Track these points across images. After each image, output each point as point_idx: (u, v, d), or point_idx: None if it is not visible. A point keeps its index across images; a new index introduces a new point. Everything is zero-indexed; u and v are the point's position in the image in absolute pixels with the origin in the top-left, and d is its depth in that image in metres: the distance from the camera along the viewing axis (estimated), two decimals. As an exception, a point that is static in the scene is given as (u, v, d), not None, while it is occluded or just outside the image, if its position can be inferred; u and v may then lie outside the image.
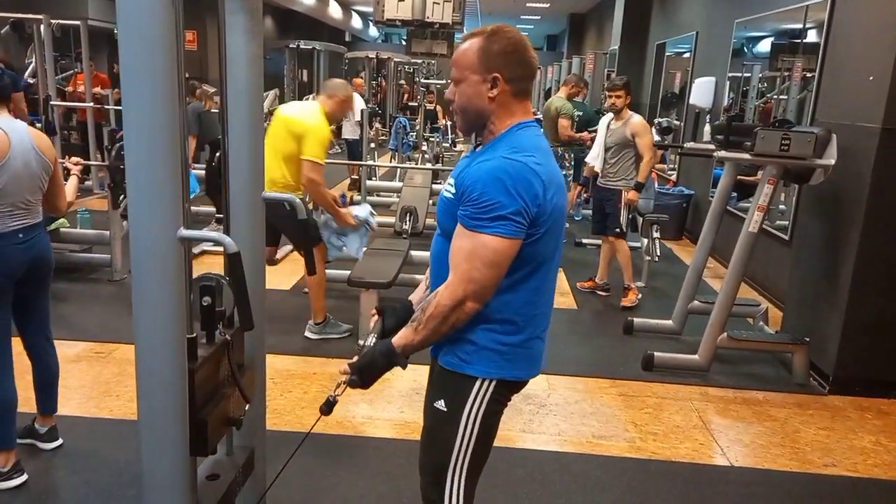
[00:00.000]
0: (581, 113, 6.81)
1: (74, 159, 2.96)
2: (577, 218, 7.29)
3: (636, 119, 4.60)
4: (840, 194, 3.57)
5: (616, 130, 4.61)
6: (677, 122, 7.73)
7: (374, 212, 4.14)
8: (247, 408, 1.80)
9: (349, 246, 3.94)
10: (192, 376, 1.50)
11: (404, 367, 1.52)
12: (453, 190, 1.50)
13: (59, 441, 2.66)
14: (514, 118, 1.51)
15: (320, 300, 3.80)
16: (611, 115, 4.75)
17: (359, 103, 8.83)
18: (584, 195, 5.41)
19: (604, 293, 4.93)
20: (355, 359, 1.55)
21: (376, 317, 1.68)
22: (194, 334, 1.54)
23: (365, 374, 1.53)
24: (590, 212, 5.87)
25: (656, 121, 6.59)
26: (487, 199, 1.39)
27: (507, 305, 1.50)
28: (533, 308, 1.54)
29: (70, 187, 2.74)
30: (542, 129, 1.58)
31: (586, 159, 5.39)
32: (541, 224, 1.44)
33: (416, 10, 6.91)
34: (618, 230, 4.64)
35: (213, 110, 6.59)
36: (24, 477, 2.44)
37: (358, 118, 8.44)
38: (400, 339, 1.50)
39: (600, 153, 4.78)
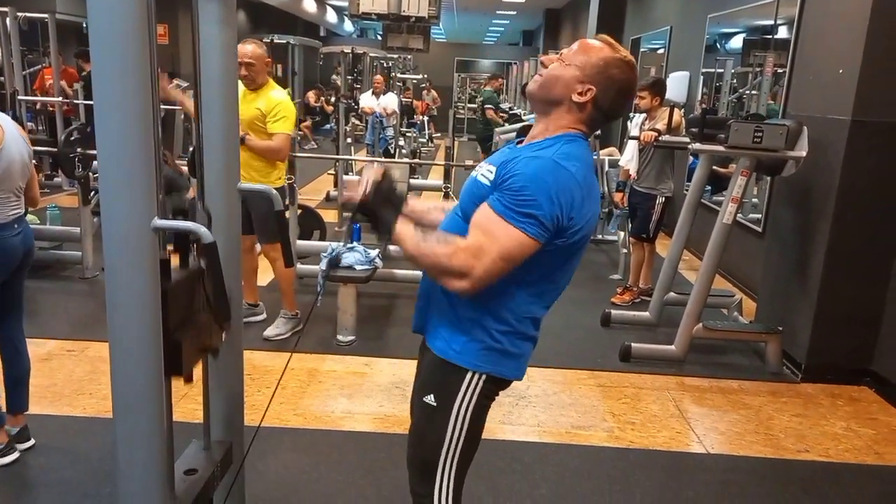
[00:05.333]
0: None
1: None
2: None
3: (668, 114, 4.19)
4: (811, 186, 3.63)
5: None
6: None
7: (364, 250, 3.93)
8: (224, 336, 1.74)
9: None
10: (165, 297, 1.45)
11: (384, 244, 1.50)
12: (491, 177, 1.47)
13: (32, 441, 2.61)
14: (570, 127, 1.50)
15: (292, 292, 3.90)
16: (643, 115, 4.54)
17: (368, 101, 8.79)
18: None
19: (648, 298, 4.47)
20: (363, 192, 1.51)
21: (380, 171, 1.58)
22: (167, 255, 1.48)
23: (364, 212, 1.51)
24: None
25: None
26: (527, 195, 1.37)
27: (510, 304, 1.50)
28: (534, 311, 1.54)
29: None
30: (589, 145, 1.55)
31: (620, 162, 5.13)
32: (570, 234, 1.43)
33: (392, 4, 6.89)
34: (644, 235, 4.55)
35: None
36: (17, 454, 2.51)
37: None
38: (403, 231, 1.46)
39: (634, 155, 4.60)
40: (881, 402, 3.43)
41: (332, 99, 14.27)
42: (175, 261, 1.55)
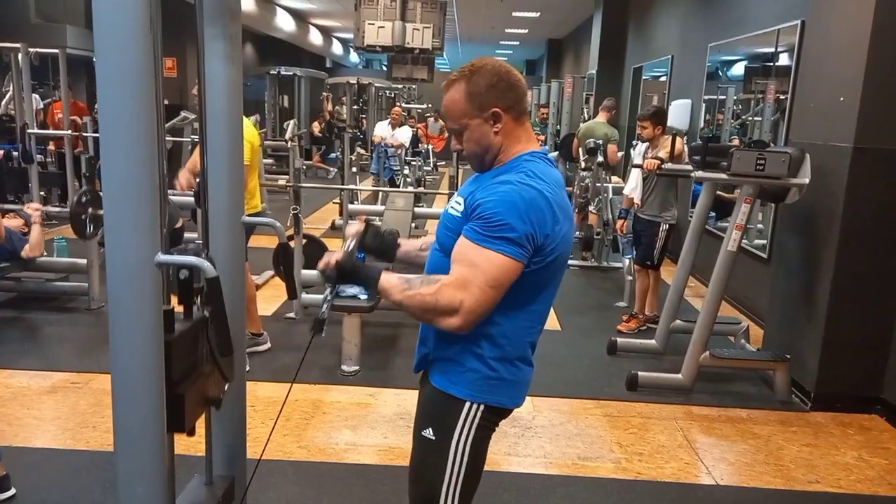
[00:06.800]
0: None
1: (34, 205, 2.73)
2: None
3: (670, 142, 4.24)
4: (815, 212, 3.63)
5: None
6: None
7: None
8: (226, 387, 1.73)
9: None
10: (169, 348, 1.45)
11: (371, 300, 1.51)
12: (461, 207, 1.49)
13: (13, 491, 2.47)
14: (520, 143, 1.52)
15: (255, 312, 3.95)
16: (646, 144, 4.59)
17: (383, 130, 8.77)
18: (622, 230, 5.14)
19: (654, 325, 4.43)
20: (339, 255, 1.53)
21: (361, 227, 1.64)
22: (171, 306, 1.49)
23: (343, 276, 1.52)
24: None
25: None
26: (499, 220, 1.38)
27: (500, 330, 1.49)
28: (526, 335, 1.54)
29: (35, 238, 2.56)
30: (553, 160, 1.57)
31: (624, 191, 5.17)
32: (547, 252, 1.44)
33: (396, 37, 7.00)
34: (648, 262, 4.57)
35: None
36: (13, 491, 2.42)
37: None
38: (387, 282, 1.47)
39: (638, 183, 4.65)
40: (892, 430, 3.38)
41: (325, 117, 14.32)
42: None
